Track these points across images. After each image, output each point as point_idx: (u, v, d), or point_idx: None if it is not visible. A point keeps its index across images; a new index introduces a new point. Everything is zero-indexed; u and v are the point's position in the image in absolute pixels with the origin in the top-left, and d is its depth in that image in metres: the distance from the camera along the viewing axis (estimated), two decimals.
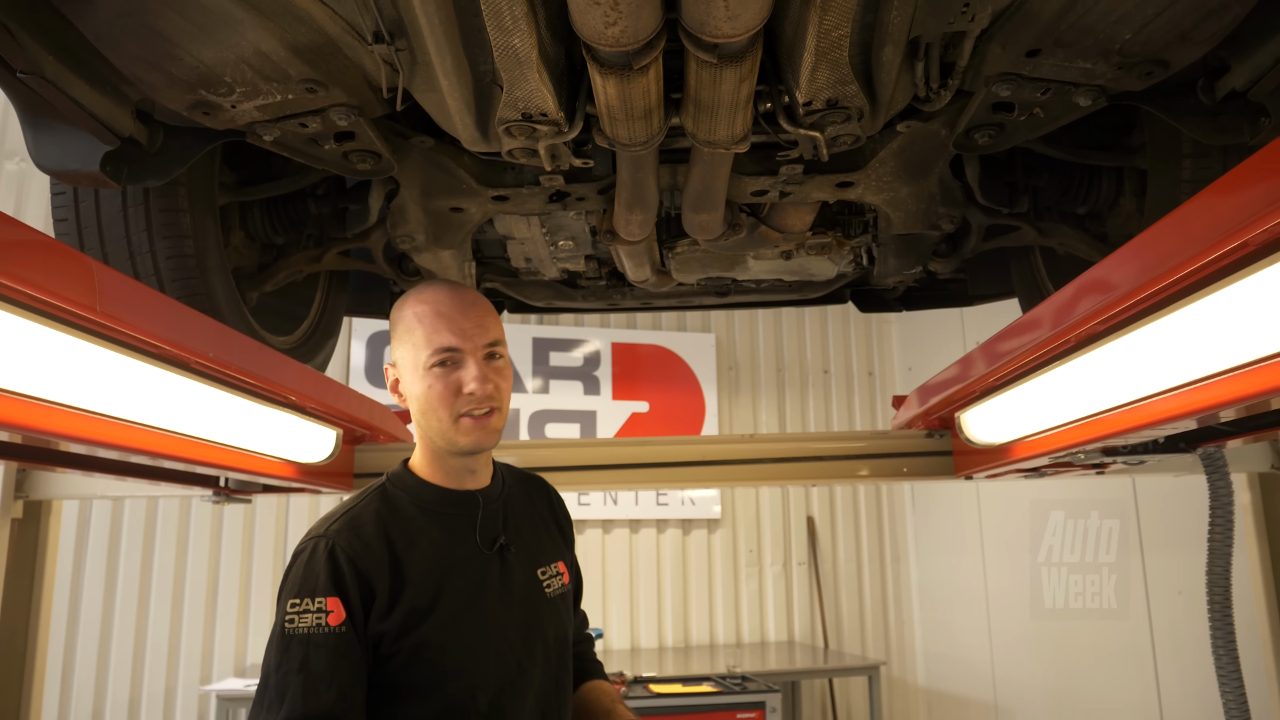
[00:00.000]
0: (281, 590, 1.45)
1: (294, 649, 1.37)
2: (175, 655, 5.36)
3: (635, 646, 6.22)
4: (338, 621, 1.39)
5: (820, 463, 2.78)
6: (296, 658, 1.37)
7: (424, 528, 1.53)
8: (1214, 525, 2.31)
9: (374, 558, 1.45)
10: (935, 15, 1.33)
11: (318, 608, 1.39)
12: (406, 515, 1.53)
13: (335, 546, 1.44)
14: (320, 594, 1.40)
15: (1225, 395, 1.36)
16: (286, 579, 1.45)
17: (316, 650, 1.37)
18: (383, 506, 1.53)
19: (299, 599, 1.40)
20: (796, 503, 6.74)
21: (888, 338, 7.16)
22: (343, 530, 1.47)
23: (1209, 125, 1.56)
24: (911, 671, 6.66)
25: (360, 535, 1.46)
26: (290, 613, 1.40)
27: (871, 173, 1.83)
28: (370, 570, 1.43)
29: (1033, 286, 2.41)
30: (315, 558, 1.43)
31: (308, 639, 1.37)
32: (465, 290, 1.57)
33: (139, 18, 1.28)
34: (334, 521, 1.49)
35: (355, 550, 1.44)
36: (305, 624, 1.38)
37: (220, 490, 2.48)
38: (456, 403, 1.50)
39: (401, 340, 1.55)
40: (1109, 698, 4.61)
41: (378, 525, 1.49)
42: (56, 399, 1.35)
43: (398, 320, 1.57)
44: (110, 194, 1.79)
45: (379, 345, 6.10)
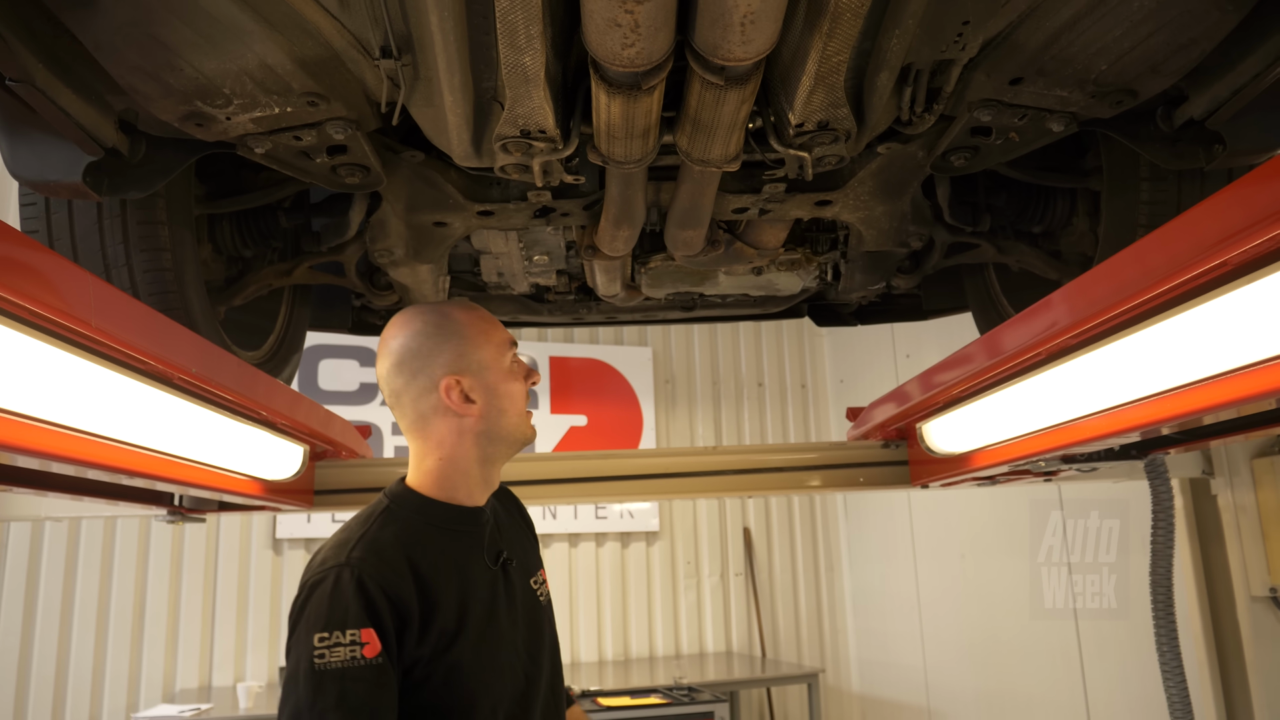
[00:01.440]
0: (299, 624, 1.38)
1: (328, 685, 1.31)
2: (100, 681, 5.14)
3: (575, 660, 6.20)
4: (373, 653, 1.34)
5: (781, 474, 2.84)
6: (332, 695, 1.31)
7: (442, 547, 1.51)
8: (1156, 528, 2.43)
9: (403, 583, 1.41)
10: (930, 44, 1.39)
11: (350, 640, 1.34)
12: (422, 536, 1.50)
13: (363, 575, 1.38)
14: (352, 625, 1.34)
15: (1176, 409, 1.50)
16: (305, 612, 1.38)
17: (353, 685, 1.32)
18: (399, 528, 1.49)
19: (327, 632, 1.34)
20: (733, 514, 6.82)
21: (820, 351, 7.32)
22: (366, 557, 1.41)
23: (1167, 151, 1.66)
24: (846, 679, 6.79)
25: (385, 560, 1.42)
26: (319, 647, 1.33)
27: (850, 192, 1.89)
28: (401, 597, 1.40)
29: (986, 301, 2.51)
30: (341, 588, 1.37)
31: (342, 674, 1.32)
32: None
33: (144, 27, 1.26)
34: (351, 548, 1.43)
35: (384, 577, 1.40)
36: (338, 658, 1.33)
37: (175, 509, 2.41)
38: (526, 397, 1.61)
39: (469, 341, 1.56)
40: (1038, 697, 4.78)
41: (399, 549, 1.45)
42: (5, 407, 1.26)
43: (454, 329, 1.57)
44: (85, 205, 1.74)
45: (312, 360, 5.98)
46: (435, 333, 1.57)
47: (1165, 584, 2.43)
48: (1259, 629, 2.89)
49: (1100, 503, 4.31)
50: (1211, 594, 3.00)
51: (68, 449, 1.47)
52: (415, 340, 1.57)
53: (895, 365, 6.11)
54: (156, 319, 1.52)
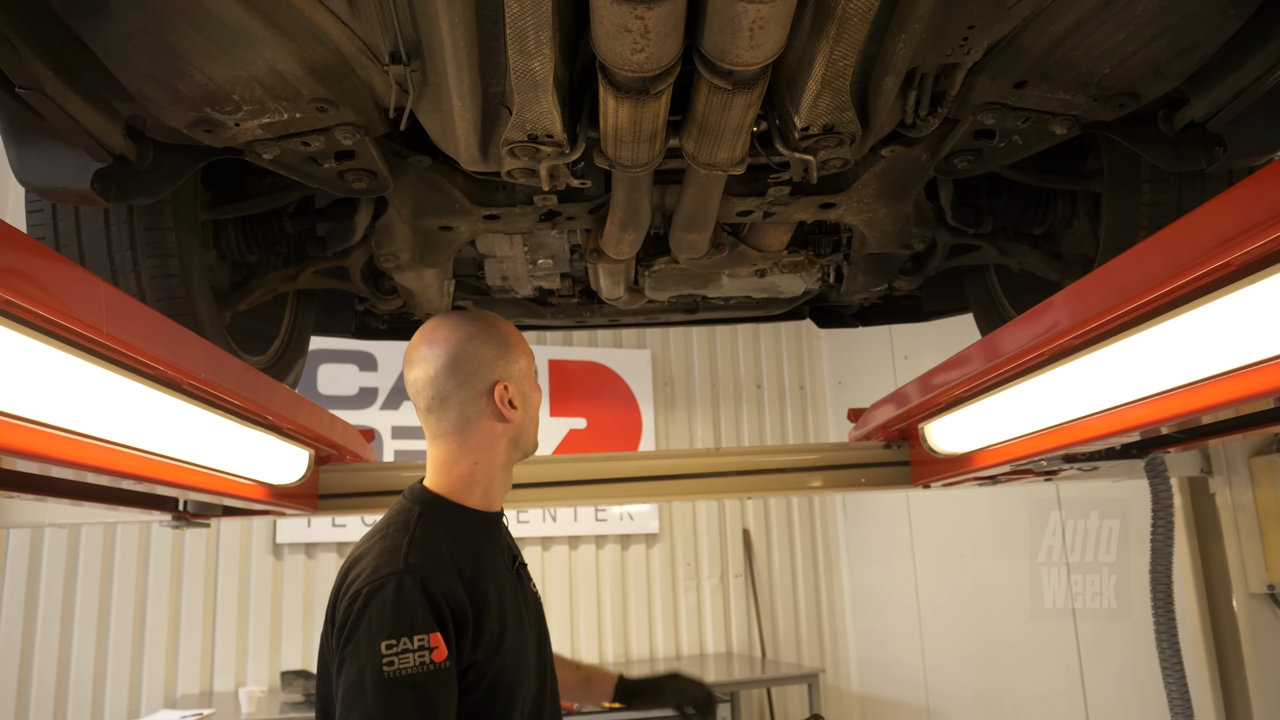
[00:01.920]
0: (357, 631, 1.38)
1: (400, 692, 1.33)
2: (101, 687, 5.13)
3: None
4: (442, 658, 1.36)
5: (782, 475, 2.85)
6: (406, 701, 1.32)
7: (478, 552, 1.55)
8: (1156, 527, 2.45)
9: (458, 587, 1.44)
10: (935, 48, 1.40)
11: (419, 645, 1.35)
12: (463, 541, 1.54)
13: (425, 580, 1.41)
14: (420, 631, 1.36)
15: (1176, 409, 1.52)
16: (365, 619, 1.38)
17: (424, 689, 1.34)
18: (441, 534, 1.52)
19: (395, 639, 1.35)
20: (733, 516, 6.83)
21: (818, 353, 7.34)
22: (426, 563, 1.44)
23: (1168, 153, 1.67)
24: (846, 679, 6.80)
25: (443, 565, 1.45)
26: (388, 655, 1.34)
27: (854, 194, 1.90)
28: (460, 600, 1.43)
29: (988, 303, 2.53)
30: (405, 594, 1.39)
31: (414, 680, 1.33)
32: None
33: (156, 35, 1.27)
34: (405, 555, 1.44)
35: (444, 582, 1.43)
36: (409, 664, 1.34)
37: (179, 514, 2.41)
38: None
39: (515, 349, 1.65)
40: (1036, 695, 4.79)
41: (449, 552, 1.48)
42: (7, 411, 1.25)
43: (509, 340, 1.65)
44: (92, 212, 1.74)
45: (311, 364, 5.99)
46: (489, 339, 1.62)
47: (1165, 582, 2.44)
48: (1257, 626, 2.91)
49: (1100, 503, 4.33)
50: (1210, 592, 3.02)
51: (74, 454, 1.47)
52: (471, 345, 1.60)
53: (894, 367, 6.12)
54: (166, 324, 1.52)
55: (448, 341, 1.61)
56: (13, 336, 1.18)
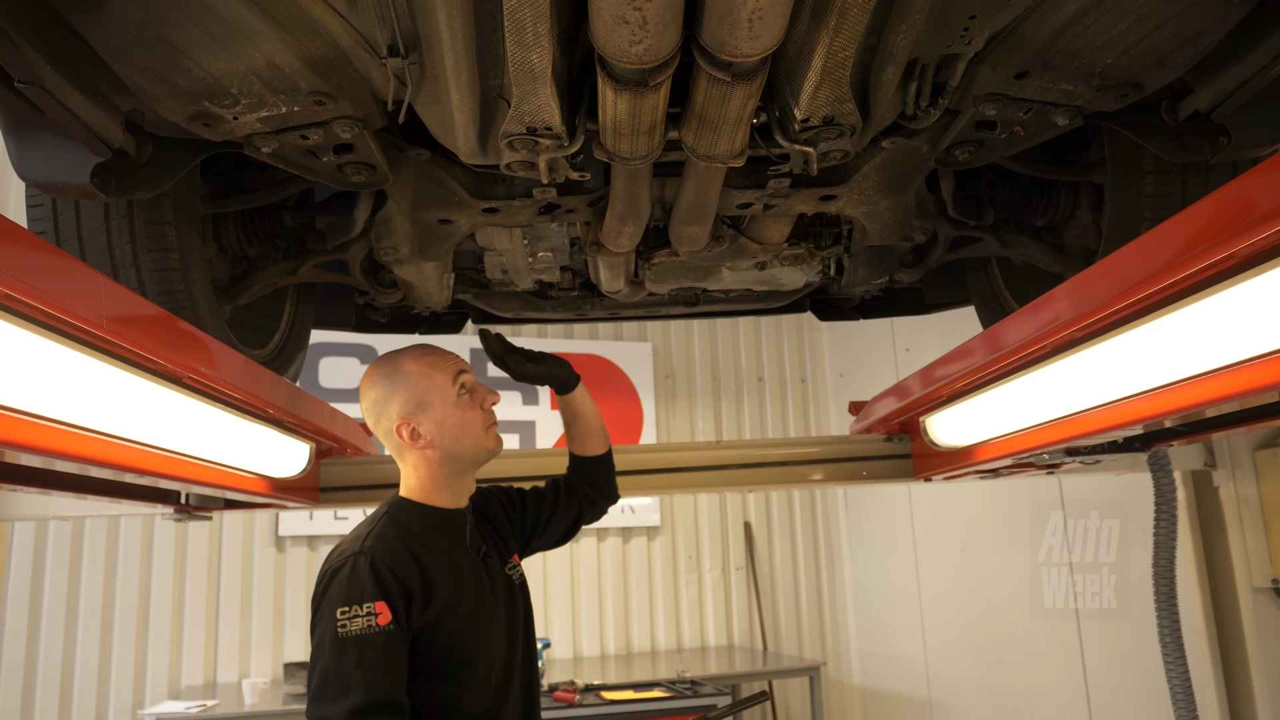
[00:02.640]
0: (322, 605, 1.65)
1: (349, 649, 1.59)
2: (106, 678, 5.15)
3: (578, 655, 6.22)
4: (385, 621, 1.62)
5: (783, 468, 2.85)
6: (353, 656, 1.58)
7: (434, 540, 1.80)
8: (1159, 520, 2.44)
9: (405, 565, 1.70)
10: (936, 38, 1.39)
11: (366, 612, 1.61)
12: (417, 532, 1.80)
13: (374, 559, 1.67)
14: (367, 599, 1.62)
15: (1179, 402, 1.51)
16: (328, 594, 1.65)
17: (369, 647, 1.59)
18: (398, 527, 1.78)
19: (348, 606, 1.62)
20: (734, 509, 6.83)
21: (819, 345, 7.33)
22: (376, 546, 1.70)
23: (1172, 144, 1.66)
24: (847, 671, 6.81)
25: (392, 548, 1.71)
26: (341, 619, 1.61)
27: (854, 186, 1.89)
28: (405, 575, 1.68)
29: (989, 295, 2.52)
30: (358, 571, 1.65)
31: (361, 639, 1.59)
32: (430, 343, 1.96)
33: (154, 28, 1.26)
34: (364, 540, 1.72)
35: (390, 560, 1.68)
36: (357, 626, 1.60)
37: (181, 507, 2.41)
38: (484, 417, 1.87)
39: (417, 389, 1.84)
40: (1038, 688, 4.80)
41: (401, 540, 1.74)
42: (8, 405, 1.25)
43: (402, 379, 1.85)
44: (92, 206, 1.74)
45: (313, 358, 6.00)
46: (386, 384, 1.87)
47: (1168, 576, 2.44)
48: (1261, 620, 2.91)
49: (1101, 501, 4.33)
50: (1214, 585, 3.02)
51: (75, 448, 1.47)
52: (374, 393, 1.88)
53: (895, 359, 6.11)
54: (166, 319, 1.52)
55: (363, 394, 1.91)
56: (16, 332, 1.18)
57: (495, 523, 2.05)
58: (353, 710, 1.55)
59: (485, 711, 1.74)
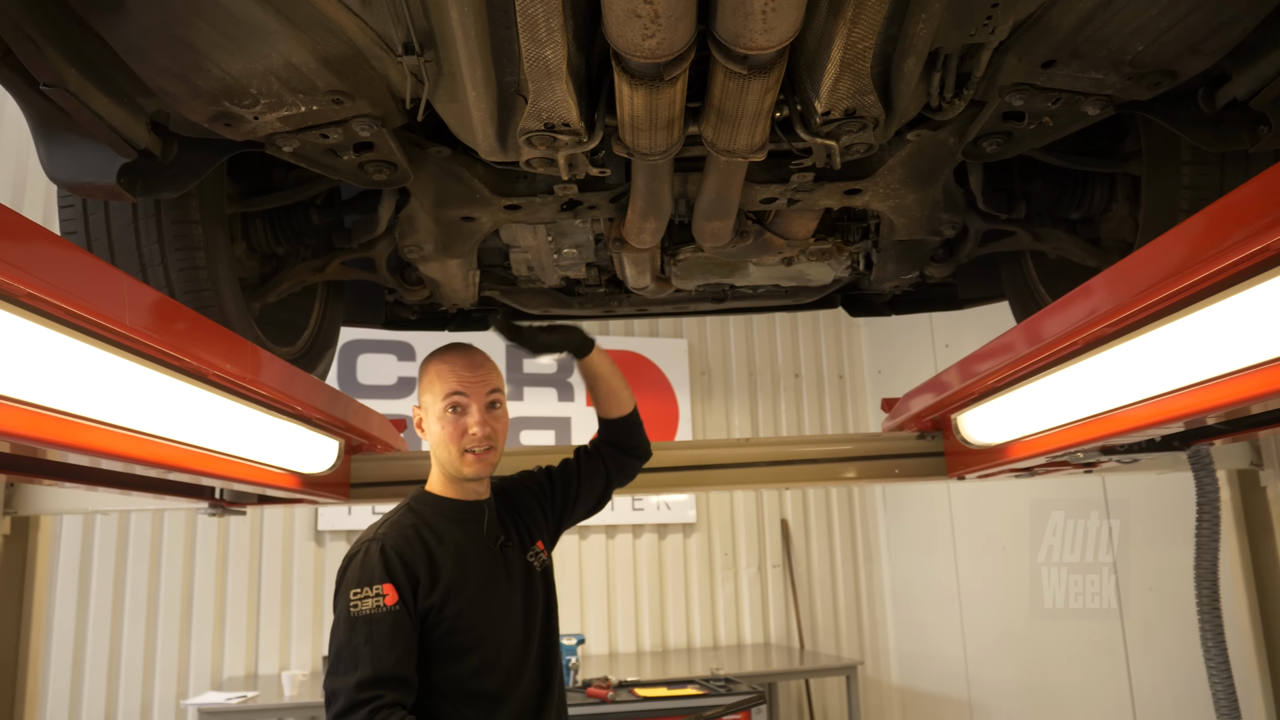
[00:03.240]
0: (340, 588, 1.80)
1: (359, 627, 1.72)
2: (151, 669, 5.27)
3: (613, 651, 6.23)
4: (393, 602, 1.74)
5: (816, 465, 2.83)
6: (362, 633, 1.71)
7: (448, 530, 1.92)
8: (1201, 520, 2.38)
9: (414, 551, 1.83)
10: (958, 27, 1.36)
11: (376, 593, 1.74)
12: (432, 522, 1.92)
13: (384, 545, 1.81)
14: (377, 582, 1.76)
15: (1219, 399, 1.45)
16: (344, 577, 1.81)
17: (377, 626, 1.72)
18: (414, 517, 1.93)
19: (360, 588, 1.76)
20: (771, 506, 6.79)
21: (857, 341, 7.25)
22: (388, 533, 1.85)
23: (1209, 133, 1.61)
24: (885, 671, 6.74)
25: (402, 535, 1.85)
26: (354, 600, 1.75)
27: (880, 180, 1.86)
28: (413, 561, 1.81)
29: (1023, 290, 2.47)
30: (370, 556, 1.80)
31: (370, 618, 1.72)
32: (475, 352, 2.01)
33: (172, 30, 1.27)
34: (380, 528, 1.88)
35: (400, 546, 1.82)
36: (367, 607, 1.73)
37: (216, 503, 2.45)
38: (463, 440, 1.92)
39: (425, 390, 1.98)
40: (1082, 691, 4.71)
41: (413, 528, 1.88)
42: (56, 407, 1.31)
43: (423, 374, 2.00)
44: (120, 206, 1.77)
45: (350, 355, 6.07)
46: (421, 372, 2.03)
47: (1210, 578, 2.37)
48: None
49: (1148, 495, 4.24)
50: (1261, 589, 2.92)
51: (115, 446, 1.51)
52: (419, 373, 2.04)
53: (934, 355, 6.03)
54: (196, 319, 1.54)
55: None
56: (63, 340, 1.23)
57: (524, 512, 2.12)
58: (359, 683, 1.67)
59: (496, 691, 1.84)
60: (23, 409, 1.25)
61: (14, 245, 1.08)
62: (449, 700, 1.80)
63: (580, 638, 5.01)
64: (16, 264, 1.07)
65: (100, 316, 1.25)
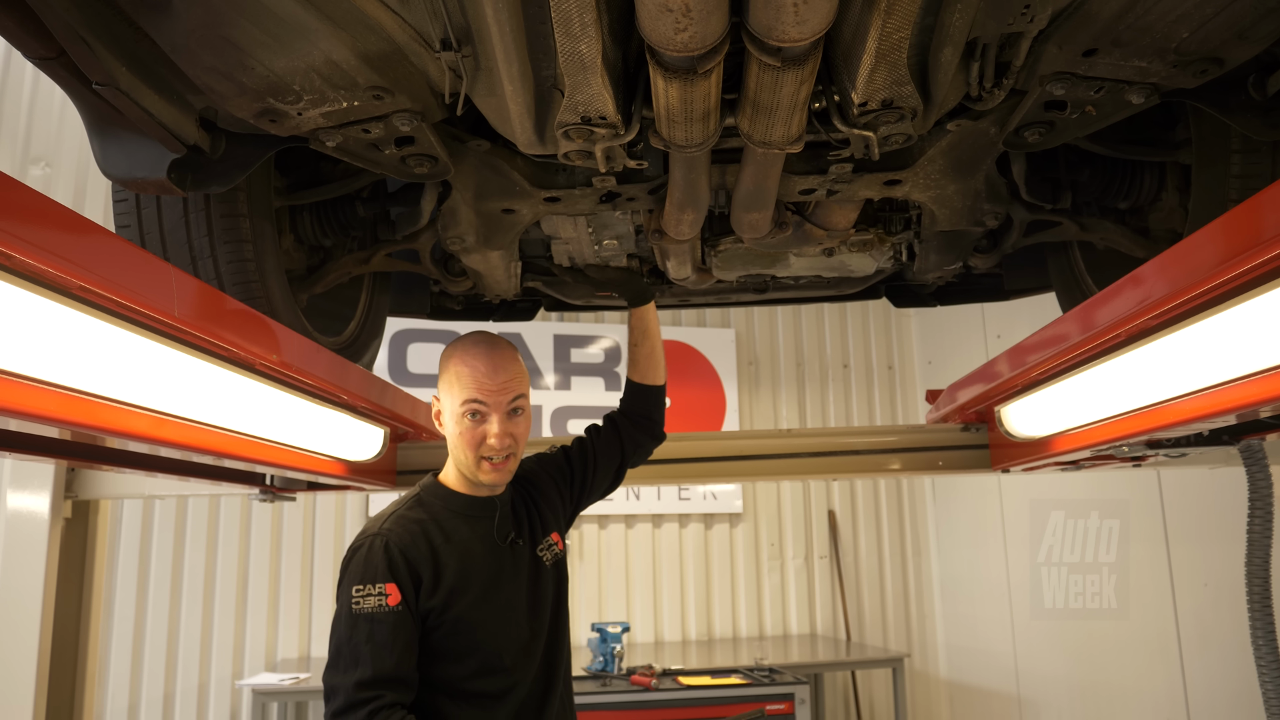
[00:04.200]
0: (343, 580, 1.75)
1: (360, 625, 1.68)
2: (208, 650, 5.42)
3: (659, 640, 6.26)
4: (395, 602, 1.71)
5: (858, 456, 2.81)
6: (364, 631, 1.68)
7: (455, 527, 1.85)
8: (1253, 517, 2.32)
9: (419, 550, 1.77)
10: (995, 17, 1.35)
11: (378, 592, 1.70)
12: (440, 517, 1.85)
13: (389, 542, 1.75)
14: (379, 580, 1.71)
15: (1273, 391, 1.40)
16: (348, 570, 1.75)
17: (379, 625, 1.68)
18: (421, 511, 1.85)
19: (362, 585, 1.71)
20: (818, 497, 6.76)
21: (907, 332, 7.17)
22: (393, 529, 1.78)
23: (1260, 121, 1.57)
24: (933, 664, 6.68)
25: (407, 531, 1.79)
26: (356, 597, 1.70)
27: (920, 170, 1.85)
28: (416, 560, 1.76)
29: (1071, 281, 2.43)
30: (373, 552, 1.74)
31: (371, 617, 1.69)
32: (499, 351, 1.87)
33: (216, 29, 1.31)
34: (384, 522, 1.81)
35: (404, 544, 1.76)
36: (369, 605, 1.70)
37: (267, 489, 2.52)
38: (481, 449, 1.84)
39: (445, 386, 1.89)
40: (1133, 688, 4.62)
41: (419, 524, 1.81)
42: (114, 396, 1.36)
43: (445, 368, 1.90)
44: (172, 200, 1.82)
45: (400, 344, 6.16)
46: (442, 363, 1.92)
47: (1262, 575, 2.32)
48: None
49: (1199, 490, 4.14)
50: None
51: (169, 434, 1.58)
52: (440, 363, 1.93)
53: (985, 346, 5.94)
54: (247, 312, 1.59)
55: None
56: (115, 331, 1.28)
57: (542, 500, 2.05)
58: (359, 683, 1.65)
59: (497, 691, 1.81)
60: (84, 398, 1.31)
61: (72, 240, 1.12)
62: (448, 697, 1.77)
63: (625, 625, 5.04)
64: (76, 260, 1.12)
65: (149, 308, 1.30)
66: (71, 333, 1.21)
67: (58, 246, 1.09)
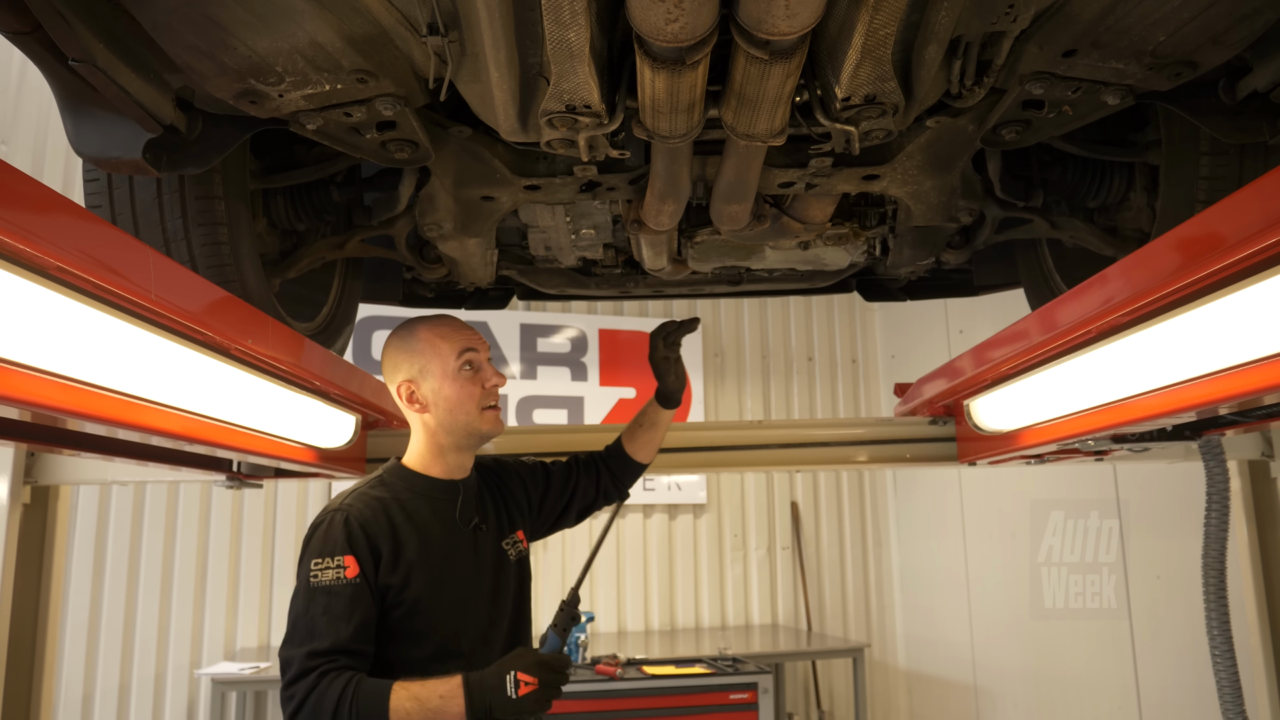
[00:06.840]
0: (304, 554, 1.78)
1: (318, 597, 1.71)
2: (165, 639, 5.35)
3: (622, 629, 6.28)
4: (353, 575, 1.73)
5: (828, 448, 2.84)
6: (321, 604, 1.70)
7: (416, 508, 1.89)
8: (1210, 510, 2.38)
9: (379, 525, 1.80)
10: (979, 15, 1.36)
11: (336, 564, 1.73)
12: (402, 498, 1.89)
13: (349, 516, 1.79)
14: (338, 553, 1.74)
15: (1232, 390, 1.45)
16: (309, 545, 1.78)
17: (336, 597, 1.71)
18: (383, 490, 1.89)
19: (321, 558, 1.74)
20: (781, 488, 6.82)
21: (871, 326, 7.25)
22: (353, 504, 1.82)
23: (1229, 124, 1.61)
24: (892, 654, 6.78)
25: (368, 507, 1.82)
26: (314, 570, 1.74)
27: (898, 166, 1.87)
28: (376, 534, 1.78)
29: (1039, 277, 2.47)
30: (333, 526, 1.78)
31: (329, 589, 1.72)
32: (455, 316, 1.99)
33: (199, 7, 1.29)
34: (346, 498, 1.85)
35: (364, 518, 1.79)
36: (327, 578, 1.73)
37: (234, 475, 2.49)
38: (482, 397, 1.91)
39: (424, 357, 1.92)
40: (1086, 677, 4.73)
41: (380, 501, 1.85)
42: (74, 376, 1.32)
43: (412, 347, 1.93)
44: (145, 181, 1.79)
45: (365, 331, 6.10)
46: (400, 345, 1.96)
47: (1218, 568, 2.38)
48: None
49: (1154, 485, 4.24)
50: (1269, 581, 2.93)
51: (134, 417, 1.53)
52: (389, 353, 1.98)
53: (948, 341, 6.02)
54: (217, 293, 1.57)
55: (383, 350, 2.01)
56: (80, 309, 1.25)
57: (508, 496, 2.08)
58: (311, 653, 1.66)
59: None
60: (45, 378, 1.27)
61: (40, 218, 1.10)
62: (406, 680, 1.75)
63: (590, 615, 5.05)
64: (43, 235, 1.09)
65: (125, 289, 1.28)
66: (32, 310, 1.17)
67: (23, 221, 1.06)
